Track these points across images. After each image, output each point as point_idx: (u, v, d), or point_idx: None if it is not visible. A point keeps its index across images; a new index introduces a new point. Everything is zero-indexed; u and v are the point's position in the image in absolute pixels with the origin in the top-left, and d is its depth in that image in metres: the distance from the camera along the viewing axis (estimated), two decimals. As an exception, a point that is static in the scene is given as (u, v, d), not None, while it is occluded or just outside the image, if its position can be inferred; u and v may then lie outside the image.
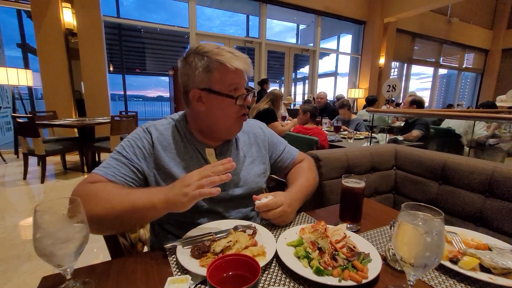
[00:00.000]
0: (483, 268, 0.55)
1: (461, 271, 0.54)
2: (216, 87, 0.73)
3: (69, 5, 4.16)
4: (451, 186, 1.23)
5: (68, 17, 4.18)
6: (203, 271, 0.52)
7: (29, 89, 5.15)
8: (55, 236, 0.46)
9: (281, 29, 7.91)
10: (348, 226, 0.73)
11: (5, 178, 3.29)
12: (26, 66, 4.94)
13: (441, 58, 9.42)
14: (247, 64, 0.74)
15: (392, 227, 0.58)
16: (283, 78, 6.92)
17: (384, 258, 0.60)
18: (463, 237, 0.66)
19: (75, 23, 4.22)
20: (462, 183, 1.18)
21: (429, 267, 0.44)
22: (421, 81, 10.67)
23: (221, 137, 0.81)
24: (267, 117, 2.88)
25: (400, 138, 2.72)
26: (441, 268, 0.57)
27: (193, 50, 0.74)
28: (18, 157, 4.26)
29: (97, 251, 1.77)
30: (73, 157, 4.20)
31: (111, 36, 5.62)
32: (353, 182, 0.74)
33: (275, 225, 0.75)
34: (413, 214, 0.44)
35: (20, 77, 3.90)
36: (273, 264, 0.58)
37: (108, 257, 0.61)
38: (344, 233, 0.62)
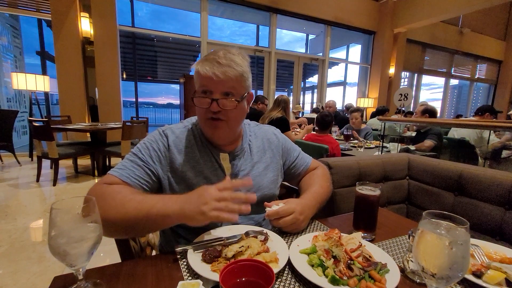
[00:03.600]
0: (509, 283, 0.52)
1: (486, 285, 0.51)
2: (195, 87, 0.76)
3: (87, 14, 4.34)
4: (468, 198, 1.19)
5: (85, 26, 4.35)
6: (214, 276, 0.51)
7: (46, 94, 5.34)
8: (69, 235, 0.46)
9: (290, 39, 8.02)
10: (363, 235, 0.71)
11: (18, 180, 3.37)
12: (44, 72, 5.13)
13: (453, 68, 9.30)
14: (216, 69, 0.69)
15: (411, 237, 0.56)
16: (291, 86, 6.95)
17: (402, 270, 0.57)
18: (485, 250, 0.63)
19: (92, 32, 4.39)
20: (479, 194, 1.14)
21: (452, 280, 0.42)
22: (431, 92, 10.54)
23: (210, 139, 0.80)
24: (281, 126, 2.85)
25: (412, 148, 2.67)
26: (464, 282, 0.54)
27: None
28: (32, 160, 4.38)
29: (104, 255, 1.76)
30: (84, 161, 4.29)
31: (125, 44, 5.80)
32: (368, 190, 0.72)
33: (287, 233, 0.73)
34: (436, 222, 0.43)
35: (38, 83, 4.04)
36: (285, 272, 0.57)
37: (114, 261, 0.60)
38: (360, 242, 0.60)
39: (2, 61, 5.71)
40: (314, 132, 2.74)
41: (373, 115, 5.41)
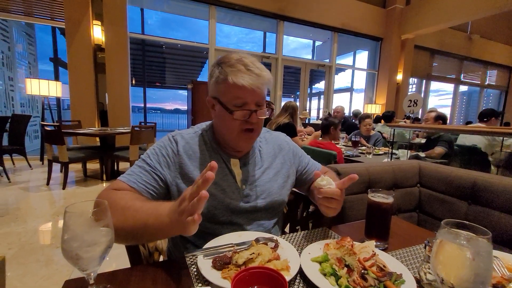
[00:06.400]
0: (533, 298, 0.50)
1: (508, 299, 0.49)
2: (222, 98, 0.73)
3: (99, 22, 4.47)
4: (482, 207, 1.15)
5: (97, 33, 4.47)
6: (224, 283, 0.50)
7: (57, 99, 5.48)
8: (82, 239, 0.46)
9: (297, 46, 8.06)
10: (376, 243, 0.69)
11: (29, 183, 3.44)
12: (57, 78, 5.28)
13: (462, 74, 9.18)
14: (255, 80, 0.70)
15: (428, 247, 0.54)
16: (298, 93, 6.96)
17: (417, 281, 0.55)
18: (504, 261, 0.60)
19: (103, 39, 4.51)
20: (495, 203, 1.10)
21: (473, 293, 0.40)
22: (440, 98, 10.40)
23: (233, 148, 0.80)
24: (288, 132, 2.84)
25: (422, 154, 2.62)
26: (484, 295, 0.52)
27: (217, 60, 0.77)
28: (43, 163, 4.47)
29: (110, 260, 1.77)
30: (93, 165, 4.35)
31: (135, 51, 5.94)
32: (380, 197, 0.71)
33: (297, 240, 0.72)
34: (455, 232, 0.41)
35: (51, 89, 4.16)
36: (297, 280, 0.56)
37: (121, 265, 0.60)
38: (373, 251, 0.58)
39: (17, 67, 5.90)
40: (321, 139, 2.72)
41: (377, 120, 5.35)
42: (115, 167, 3.92)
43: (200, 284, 0.53)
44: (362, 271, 0.53)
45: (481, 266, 0.38)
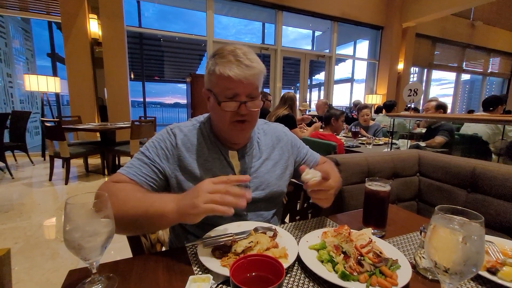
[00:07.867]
0: (526, 281, 0.51)
1: (501, 282, 0.50)
2: (214, 89, 0.74)
3: (95, 16, 4.41)
4: (482, 195, 1.16)
5: (94, 27, 4.42)
6: (224, 271, 0.52)
7: (57, 95, 5.46)
8: (84, 229, 0.47)
9: (297, 36, 7.95)
10: (373, 231, 0.70)
11: (32, 179, 3.47)
12: (55, 74, 5.25)
13: (464, 63, 9.06)
14: (243, 71, 0.69)
15: (423, 233, 0.55)
16: (298, 84, 6.91)
17: (413, 266, 0.56)
18: (500, 247, 0.61)
19: (100, 33, 4.46)
20: (494, 191, 1.11)
21: (466, 276, 0.41)
22: (442, 87, 10.31)
23: (227, 139, 0.80)
24: (288, 123, 2.82)
25: (422, 144, 2.62)
26: (478, 279, 0.53)
27: (212, 52, 0.76)
28: (44, 159, 4.49)
29: (114, 253, 1.80)
30: (94, 160, 4.38)
31: (132, 45, 5.87)
32: (377, 186, 0.72)
33: (296, 228, 0.73)
34: (449, 217, 0.42)
35: (49, 84, 4.14)
36: (295, 267, 0.57)
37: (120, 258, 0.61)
38: (370, 238, 0.59)
39: (15, 63, 5.86)
40: (321, 130, 2.72)
41: (378, 110, 5.33)
42: (117, 162, 3.94)
43: (200, 272, 0.54)
44: (359, 257, 0.54)
45: (473, 250, 0.38)
